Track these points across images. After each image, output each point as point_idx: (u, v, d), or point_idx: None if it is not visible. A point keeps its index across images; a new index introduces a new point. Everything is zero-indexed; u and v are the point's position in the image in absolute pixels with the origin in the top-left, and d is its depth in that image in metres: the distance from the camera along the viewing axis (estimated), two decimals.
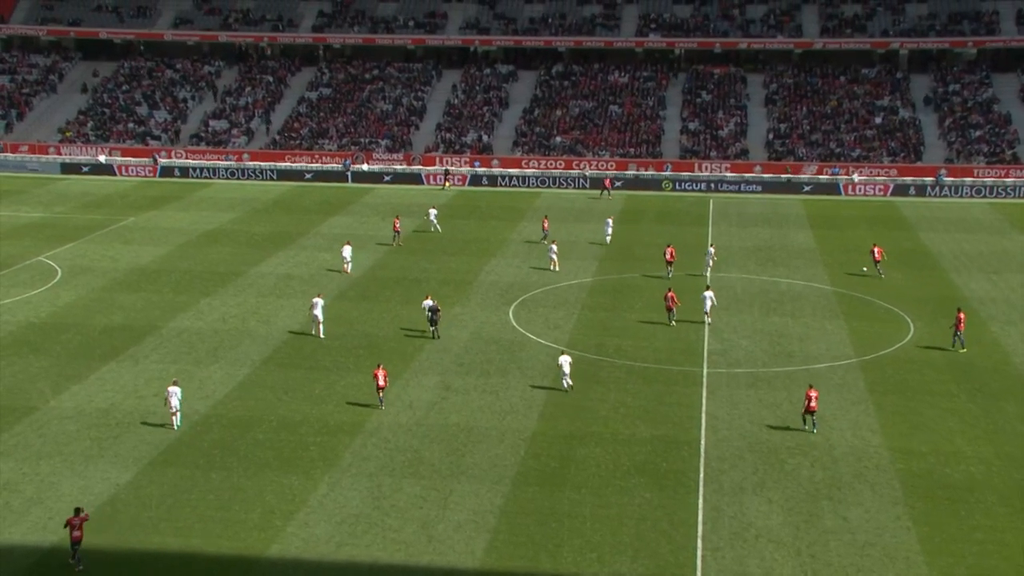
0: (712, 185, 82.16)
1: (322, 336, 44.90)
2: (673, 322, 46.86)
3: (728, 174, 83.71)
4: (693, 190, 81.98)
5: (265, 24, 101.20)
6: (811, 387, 36.12)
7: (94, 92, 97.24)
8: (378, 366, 38.40)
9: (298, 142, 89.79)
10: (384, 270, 56.70)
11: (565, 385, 39.00)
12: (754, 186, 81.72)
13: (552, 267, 56.02)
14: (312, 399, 38.54)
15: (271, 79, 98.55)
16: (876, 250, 56.09)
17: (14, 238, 62.98)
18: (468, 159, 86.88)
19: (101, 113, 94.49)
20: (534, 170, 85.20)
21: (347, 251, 55.85)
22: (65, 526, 27.93)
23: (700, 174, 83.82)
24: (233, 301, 50.53)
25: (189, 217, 70.06)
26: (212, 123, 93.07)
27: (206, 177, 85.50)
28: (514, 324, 47.51)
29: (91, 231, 65.27)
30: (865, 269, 56.28)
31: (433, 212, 66.59)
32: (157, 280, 54.13)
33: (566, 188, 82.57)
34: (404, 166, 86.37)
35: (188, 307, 49.42)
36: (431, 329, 45.09)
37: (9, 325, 46.36)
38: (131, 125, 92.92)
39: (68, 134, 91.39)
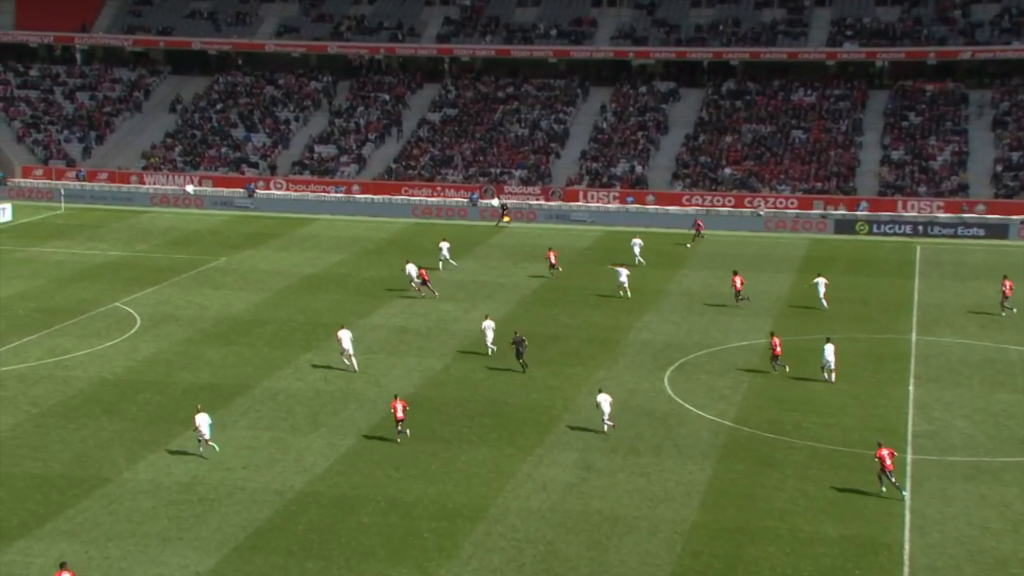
0: (920, 228, 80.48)
1: (356, 370, 48.68)
2: (776, 369, 48.71)
3: (941, 215, 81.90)
4: (895, 234, 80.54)
5: (382, 33, 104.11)
6: None
7: (183, 112, 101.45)
8: (395, 397, 41.88)
9: (417, 172, 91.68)
10: (515, 324, 57.06)
11: (605, 428, 41.78)
12: (975, 229, 79.70)
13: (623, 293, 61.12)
14: (427, 476, 38.93)
15: (387, 97, 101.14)
16: None
17: (88, 280, 65.86)
18: (618, 194, 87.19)
19: (191, 136, 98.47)
20: (697, 207, 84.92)
21: (411, 269, 61.79)
22: None
23: (905, 214, 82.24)
24: (338, 359, 51.55)
25: (289, 258, 72.09)
26: (318, 148, 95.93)
27: (310, 212, 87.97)
28: (670, 393, 47.19)
29: (176, 273, 67.76)
30: None
31: (446, 247, 68.86)
32: (250, 332, 55.71)
33: (736, 230, 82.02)
34: (542, 201, 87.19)
35: (285, 364, 50.68)
36: (520, 362, 48.85)
37: (80, 382, 48.31)
38: (225, 150, 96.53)
39: (153, 160, 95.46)
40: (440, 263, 68.56)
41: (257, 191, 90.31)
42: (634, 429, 43.13)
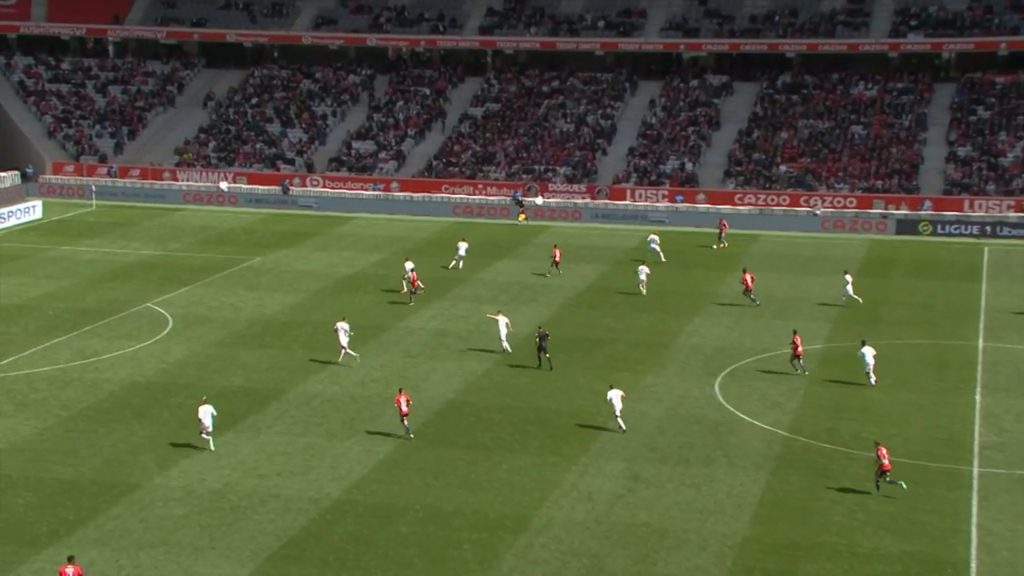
0: (988, 229, 79.78)
1: (354, 354, 50.78)
2: (800, 371, 49.37)
3: (1012, 214, 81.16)
4: (961, 235, 79.93)
5: (423, 25, 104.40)
6: None
7: (218, 106, 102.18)
8: (400, 391, 42.96)
9: (458, 168, 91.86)
10: (560, 328, 57.02)
11: (622, 425, 42.89)
12: None
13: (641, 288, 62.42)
14: (468, 485, 38.97)
15: (428, 91, 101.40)
16: None
17: (119, 279, 66.47)
18: (667, 192, 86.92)
19: (225, 131, 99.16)
20: (750, 207, 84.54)
21: (409, 265, 62.42)
22: None
23: (972, 214, 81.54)
24: (376, 362, 51.75)
25: (325, 258, 72.44)
26: (356, 144, 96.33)
27: (347, 210, 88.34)
28: (721, 400, 47.02)
29: (209, 273, 68.25)
30: None
31: (463, 247, 69.19)
32: (286, 334, 56.03)
33: (791, 231, 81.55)
34: (588, 200, 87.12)
35: (321, 368, 50.89)
36: (543, 357, 50.06)
37: (110, 384, 48.76)
38: (260, 146, 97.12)
39: (187, 156, 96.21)
40: (457, 262, 68.93)
41: (293, 188, 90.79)
42: (684, 438, 42.99)
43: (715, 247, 75.29)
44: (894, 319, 58.78)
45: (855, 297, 61.01)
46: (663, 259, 70.36)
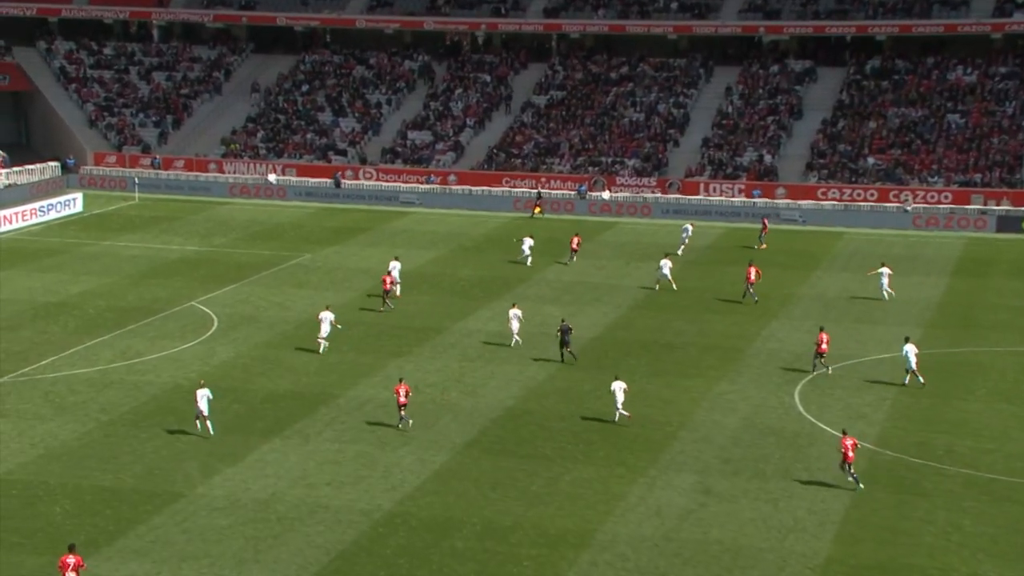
0: None
1: (325, 341, 52.88)
2: (829, 369, 50.37)
3: None
4: None
5: (484, 7, 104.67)
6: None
7: (266, 94, 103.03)
8: (400, 381, 44.76)
9: (520, 160, 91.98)
10: (627, 331, 56.94)
11: (617, 417, 44.06)
12: None
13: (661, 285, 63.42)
14: (528, 498, 39.03)
15: (488, 78, 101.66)
16: None
17: (162, 277, 67.22)
18: (743, 186, 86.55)
19: (274, 121, 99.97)
20: (834, 202, 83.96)
21: (395, 267, 62.91)
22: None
23: None
24: (431, 365, 51.96)
25: (379, 254, 72.74)
26: (411, 134, 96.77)
27: (401, 204, 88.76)
28: (801, 410, 46.76)
29: (256, 270, 68.85)
30: None
31: (528, 243, 69.84)
32: (336, 335, 56.35)
33: (879, 228, 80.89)
34: (658, 194, 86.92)
35: (373, 371, 51.18)
36: (565, 352, 51.62)
37: (152, 387, 49.30)
38: (310, 136, 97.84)
39: (233, 147, 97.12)
40: (525, 259, 69.39)
41: (344, 181, 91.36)
42: (760, 450, 42.79)
43: (756, 247, 74.32)
44: (992, 323, 58.15)
45: (889, 291, 61.83)
46: (679, 252, 71.46)
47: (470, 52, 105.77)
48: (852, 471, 39.24)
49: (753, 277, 61.76)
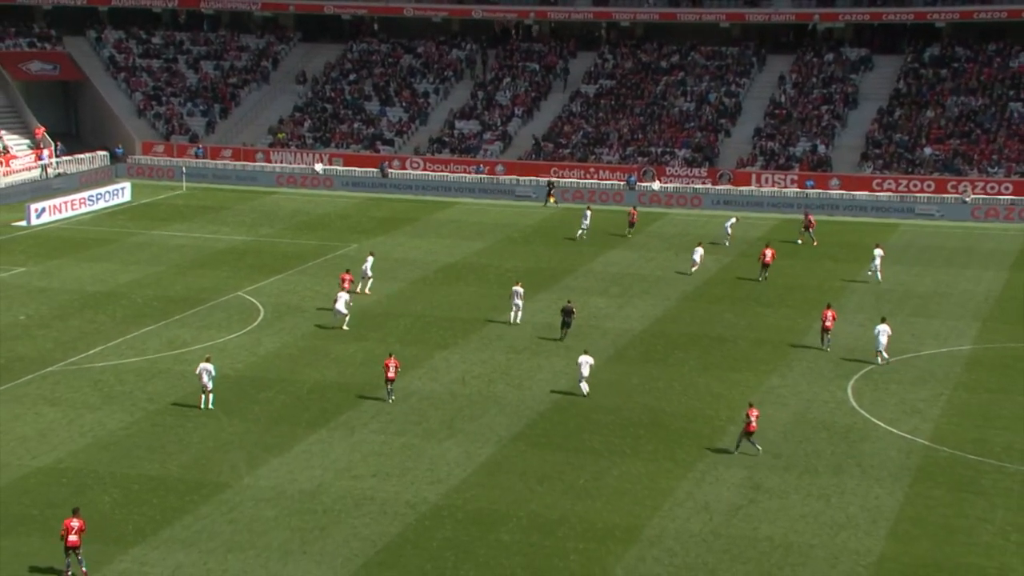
0: None
1: (345, 328, 54.61)
2: (827, 348, 52.04)
3: None
4: None
5: None
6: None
7: (314, 83, 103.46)
8: (389, 356, 46.35)
9: (569, 150, 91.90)
10: (676, 323, 56.81)
11: (584, 391, 45.90)
12: None
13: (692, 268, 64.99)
14: (574, 492, 39.04)
15: (537, 67, 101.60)
16: None
17: (209, 267, 67.67)
18: (796, 177, 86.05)
19: (321, 110, 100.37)
20: (890, 193, 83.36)
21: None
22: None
23: None
24: (477, 357, 52.05)
25: (425, 245, 73.00)
26: (459, 124, 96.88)
27: (449, 194, 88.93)
28: (854, 404, 46.51)
29: (303, 260, 69.18)
30: None
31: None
32: (382, 326, 56.57)
33: (936, 219, 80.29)
34: (709, 185, 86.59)
35: (419, 363, 51.31)
36: (565, 332, 53.53)
37: (198, 378, 49.65)
38: (357, 126, 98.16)
39: (281, 136, 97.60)
40: (582, 233, 73.40)
41: (391, 171, 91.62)
42: (811, 445, 42.61)
43: (799, 241, 73.58)
44: None
45: (877, 276, 63.07)
46: (727, 244, 72.37)
47: (518, 41, 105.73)
48: (755, 441, 41.37)
49: (769, 258, 63.55)
